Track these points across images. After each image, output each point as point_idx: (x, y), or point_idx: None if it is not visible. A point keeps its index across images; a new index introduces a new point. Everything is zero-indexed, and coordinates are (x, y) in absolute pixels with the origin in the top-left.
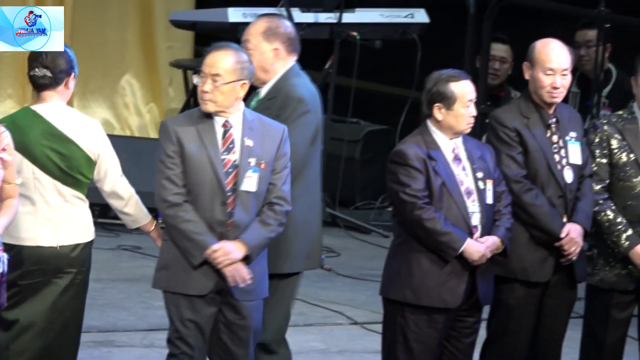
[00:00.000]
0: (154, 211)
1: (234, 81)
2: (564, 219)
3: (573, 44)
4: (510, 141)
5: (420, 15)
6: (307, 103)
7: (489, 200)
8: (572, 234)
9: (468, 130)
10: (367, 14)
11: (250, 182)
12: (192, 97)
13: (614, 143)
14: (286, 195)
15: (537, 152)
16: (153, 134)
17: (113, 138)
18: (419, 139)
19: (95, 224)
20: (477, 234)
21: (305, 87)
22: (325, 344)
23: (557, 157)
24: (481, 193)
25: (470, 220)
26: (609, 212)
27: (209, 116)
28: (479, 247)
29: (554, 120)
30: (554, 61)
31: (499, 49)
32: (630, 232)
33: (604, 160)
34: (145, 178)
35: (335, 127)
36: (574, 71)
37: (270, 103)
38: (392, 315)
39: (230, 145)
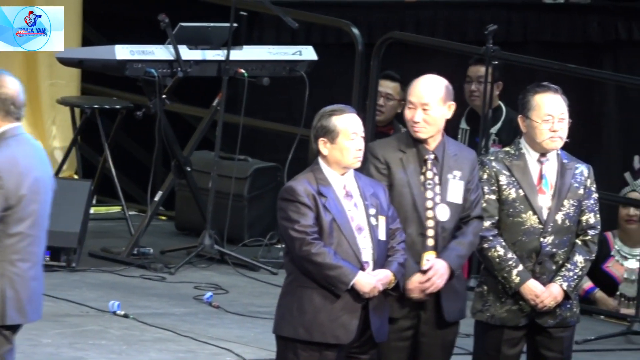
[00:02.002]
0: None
1: None
2: (431, 256)
3: (465, 79)
4: (376, 172)
5: (308, 53)
6: None
7: (381, 236)
8: (436, 266)
9: (356, 164)
10: (255, 51)
11: None
12: (80, 135)
13: (503, 179)
14: None
15: (403, 186)
16: None
17: None
18: (310, 176)
19: None
20: (369, 269)
21: None
22: None
23: (430, 194)
24: (373, 229)
25: (361, 256)
26: (499, 248)
27: None
28: (370, 279)
29: (431, 156)
30: (414, 95)
31: (386, 86)
32: (520, 267)
33: (493, 197)
34: None
35: (223, 164)
36: (464, 107)
37: None
38: (284, 352)
39: None
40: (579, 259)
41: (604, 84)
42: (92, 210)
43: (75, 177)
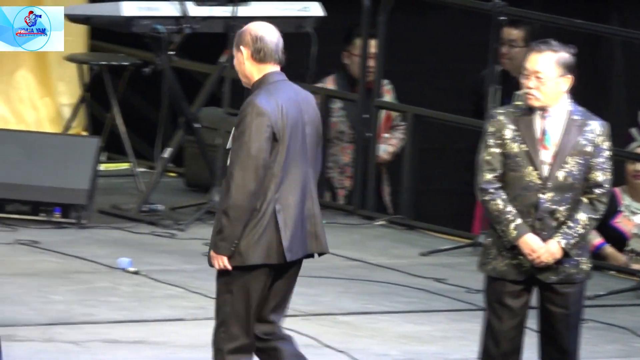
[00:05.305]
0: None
1: None
2: None
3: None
4: None
5: (315, 8)
6: None
7: None
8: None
9: None
10: (262, 7)
11: None
12: (88, 91)
13: (507, 133)
14: None
15: None
16: (48, 128)
17: (9, 132)
18: None
19: None
20: None
21: None
22: None
23: None
24: None
25: None
26: (499, 202)
27: None
28: None
29: None
30: None
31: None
32: (519, 221)
33: (497, 150)
34: (40, 172)
35: (231, 120)
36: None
37: None
38: None
39: None
40: (581, 216)
41: (610, 39)
42: (101, 167)
43: (84, 133)
